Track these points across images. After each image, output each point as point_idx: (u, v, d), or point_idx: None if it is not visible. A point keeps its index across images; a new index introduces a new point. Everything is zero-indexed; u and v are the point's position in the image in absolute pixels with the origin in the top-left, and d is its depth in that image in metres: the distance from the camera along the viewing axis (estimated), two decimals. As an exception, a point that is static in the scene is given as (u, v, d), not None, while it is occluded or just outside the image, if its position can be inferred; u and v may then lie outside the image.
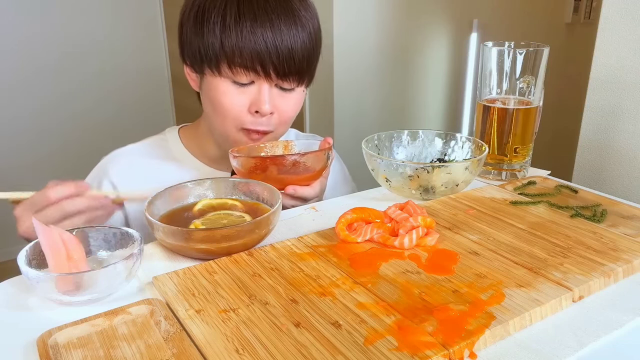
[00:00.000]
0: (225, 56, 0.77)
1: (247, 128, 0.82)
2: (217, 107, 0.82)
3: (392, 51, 2.12)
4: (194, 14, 0.80)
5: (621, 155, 0.97)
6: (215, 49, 0.77)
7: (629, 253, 0.61)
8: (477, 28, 2.23)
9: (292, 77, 0.81)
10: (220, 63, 0.78)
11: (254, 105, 0.80)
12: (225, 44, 0.77)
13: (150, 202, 0.66)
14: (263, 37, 0.76)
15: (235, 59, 0.77)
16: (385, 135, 0.88)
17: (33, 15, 2.38)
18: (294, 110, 0.85)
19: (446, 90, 2.33)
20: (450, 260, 0.60)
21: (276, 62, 0.78)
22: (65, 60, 2.49)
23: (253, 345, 0.46)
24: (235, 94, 0.80)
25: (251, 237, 0.62)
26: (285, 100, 0.83)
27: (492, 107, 0.85)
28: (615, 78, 0.96)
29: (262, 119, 0.81)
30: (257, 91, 0.80)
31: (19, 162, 2.48)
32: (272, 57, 0.77)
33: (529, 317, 0.50)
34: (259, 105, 0.80)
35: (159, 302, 0.53)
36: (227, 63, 0.78)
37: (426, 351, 0.45)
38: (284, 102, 0.82)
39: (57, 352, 0.47)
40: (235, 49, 0.76)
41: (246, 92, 0.80)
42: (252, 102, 0.80)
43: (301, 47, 0.79)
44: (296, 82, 0.82)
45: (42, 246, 0.55)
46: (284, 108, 0.83)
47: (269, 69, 0.78)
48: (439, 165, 0.76)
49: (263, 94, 0.80)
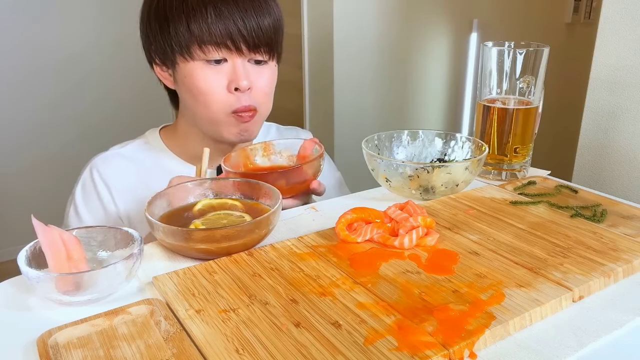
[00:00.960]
0: (195, 37, 0.78)
1: (234, 110, 0.83)
2: (196, 94, 0.82)
3: (392, 51, 2.12)
4: (154, 9, 0.82)
5: (621, 155, 0.97)
6: (184, 35, 0.79)
7: (629, 253, 0.61)
8: (477, 28, 2.23)
9: (264, 49, 0.82)
10: (191, 46, 0.79)
11: (232, 83, 0.81)
12: (192, 26, 0.78)
13: (150, 202, 0.66)
14: (228, 11, 0.78)
15: (204, 37, 0.78)
16: (385, 135, 0.88)
17: (32, 14, 2.38)
18: (271, 84, 0.87)
19: (446, 90, 2.33)
20: (450, 260, 0.60)
21: (245, 35, 0.79)
22: (64, 60, 2.49)
23: (253, 345, 0.46)
24: (210, 74, 0.81)
25: (251, 237, 0.62)
26: (260, 75, 0.84)
27: (492, 107, 0.85)
28: (615, 78, 0.96)
29: (244, 95, 0.82)
30: (231, 69, 0.81)
31: (19, 162, 2.48)
32: (241, 30, 0.79)
33: (529, 317, 0.50)
34: (237, 81, 0.81)
35: (159, 302, 0.53)
36: (197, 44, 0.79)
37: (426, 351, 0.45)
38: (259, 77, 0.84)
39: (57, 352, 0.47)
40: (204, 27, 0.77)
41: (221, 71, 0.81)
42: (230, 80, 0.81)
43: (268, 18, 0.81)
44: (267, 54, 0.83)
45: (42, 246, 0.55)
46: (260, 83, 0.84)
47: (239, 42, 0.79)
48: (439, 165, 0.76)
49: (238, 69, 0.81)
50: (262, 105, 0.86)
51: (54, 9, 2.42)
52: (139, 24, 0.86)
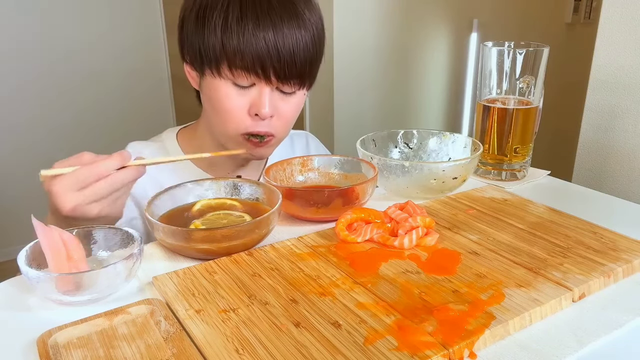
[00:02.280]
0: (226, 58, 0.76)
1: (247, 133, 0.81)
2: (217, 109, 0.81)
3: (392, 51, 2.12)
4: (195, 12, 0.78)
5: (621, 155, 0.97)
6: (216, 50, 0.76)
7: (628, 253, 0.61)
8: (477, 28, 2.23)
9: (294, 81, 0.79)
10: (221, 64, 0.77)
11: (254, 107, 0.79)
12: (226, 45, 0.75)
13: (150, 202, 0.66)
14: (265, 40, 0.75)
15: (236, 61, 0.76)
16: (381, 135, 0.88)
17: (33, 14, 2.38)
18: (295, 113, 0.84)
19: (446, 90, 2.33)
20: (451, 260, 0.60)
21: (277, 66, 0.76)
22: (65, 60, 2.49)
23: (253, 345, 0.46)
24: (235, 96, 0.79)
25: (251, 237, 0.62)
26: (285, 103, 0.81)
27: (492, 107, 0.85)
28: (615, 78, 0.96)
29: (263, 122, 0.80)
30: (257, 94, 0.79)
31: (19, 162, 2.48)
32: (274, 60, 0.76)
33: (528, 317, 0.50)
34: (259, 109, 0.78)
35: (159, 302, 0.53)
36: (228, 65, 0.77)
37: (426, 351, 0.45)
38: (284, 105, 0.81)
39: (57, 352, 0.47)
40: (237, 51, 0.75)
41: (246, 94, 0.79)
42: (252, 104, 0.79)
43: (303, 51, 0.78)
44: (297, 86, 0.81)
45: (42, 246, 0.55)
46: (284, 111, 0.81)
47: (269, 72, 0.77)
48: (435, 163, 0.76)
49: (263, 97, 0.78)
50: (280, 132, 0.83)
51: (55, 8, 2.42)
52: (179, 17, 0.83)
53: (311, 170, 0.82)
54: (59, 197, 0.61)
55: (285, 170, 0.80)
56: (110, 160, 0.63)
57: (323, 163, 0.83)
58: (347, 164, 0.82)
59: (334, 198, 0.70)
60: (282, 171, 0.79)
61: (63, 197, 0.61)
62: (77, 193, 0.61)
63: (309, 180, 0.82)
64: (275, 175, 0.78)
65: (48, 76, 2.47)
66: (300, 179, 0.81)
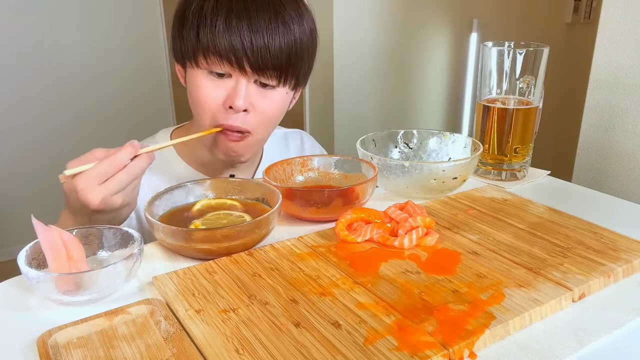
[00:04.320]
0: (201, 46, 0.77)
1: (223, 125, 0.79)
2: (194, 100, 0.81)
3: (392, 51, 2.12)
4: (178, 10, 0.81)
5: (621, 155, 0.97)
6: (192, 40, 0.78)
7: (628, 253, 0.61)
8: (477, 28, 2.23)
9: (270, 73, 0.78)
10: (197, 54, 0.78)
11: (229, 99, 0.78)
12: (200, 33, 0.77)
13: (150, 202, 0.66)
14: (238, 28, 0.76)
15: (209, 48, 0.77)
16: (381, 135, 0.88)
17: (32, 15, 2.38)
18: (275, 110, 0.82)
19: (446, 90, 2.33)
20: (451, 260, 0.60)
21: (250, 54, 0.76)
22: (65, 61, 2.49)
23: (253, 345, 0.46)
24: (211, 86, 0.79)
25: (251, 237, 0.62)
26: (264, 99, 0.80)
27: (492, 107, 0.85)
28: (615, 78, 0.96)
29: (237, 116, 0.79)
30: (233, 85, 0.78)
31: (19, 162, 2.48)
32: (246, 49, 0.76)
33: (528, 317, 0.50)
34: (233, 100, 0.77)
35: (159, 302, 0.53)
36: (203, 53, 0.78)
37: (426, 351, 0.45)
38: (263, 100, 0.80)
39: (57, 352, 0.47)
40: (210, 39, 0.76)
41: (222, 85, 0.79)
42: (228, 96, 0.78)
43: (280, 43, 0.77)
44: (275, 80, 0.79)
45: (42, 246, 0.55)
46: (262, 107, 0.80)
47: (242, 61, 0.76)
48: (435, 163, 0.76)
49: (238, 89, 0.78)
50: (257, 130, 0.81)
51: (54, 9, 2.42)
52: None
53: (311, 170, 0.82)
54: (86, 193, 0.63)
55: (285, 170, 0.80)
56: (125, 151, 0.65)
57: (323, 163, 0.83)
58: (347, 164, 0.82)
59: (334, 198, 0.70)
60: (282, 171, 0.79)
61: (90, 192, 0.63)
62: (102, 186, 0.64)
63: (309, 180, 0.82)
64: (275, 175, 0.78)
65: (48, 77, 2.48)
66: (300, 179, 0.81)
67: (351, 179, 0.80)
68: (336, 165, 0.82)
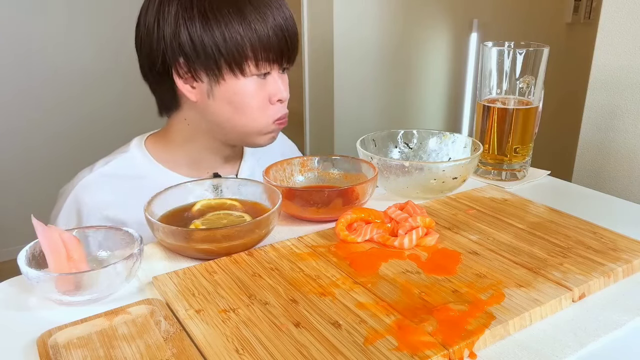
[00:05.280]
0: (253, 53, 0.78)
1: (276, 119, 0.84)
2: (241, 107, 0.81)
3: (392, 51, 2.12)
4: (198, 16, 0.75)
5: (621, 155, 0.97)
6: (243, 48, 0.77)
7: (628, 253, 0.61)
8: (477, 28, 2.23)
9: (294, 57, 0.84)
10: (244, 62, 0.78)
11: (274, 95, 0.82)
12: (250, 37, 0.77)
13: (150, 202, 0.66)
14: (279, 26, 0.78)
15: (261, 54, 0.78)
16: (381, 135, 0.88)
17: (32, 15, 2.38)
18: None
19: (446, 90, 2.33)
20: (451, 260, 0.60)
21: (291, 47, 0.81)
22: (64, 61, 2.49)
23: (253, 345, 0.46)
24: (258, 89, 0.81)
25: (251, 237, 0.62)
26: (286, 81, 0.85)
27: (492, 107, 0.85)
28: (615, 78, 0.96)
29: (283, 104, 0.84)
30: (272, 81, 0.82)
31: (19, 162, 2.48)
32: (289, 44, 0.80)
33: (528, 317, 0.50)
34: (280, 94, 0.82)
35: (159, 302, 0.53)
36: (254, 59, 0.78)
37: (426, 351, 0.45)
38: (286, 84, 0.85)
39: (57, 352, 0.47)
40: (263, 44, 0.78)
41: (264, 83, 0.81)
42: (271, 93, 0.82)
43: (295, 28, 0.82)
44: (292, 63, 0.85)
45: (42, 246, 0.55)
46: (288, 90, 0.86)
47: (285, 56, 0.81)
48: (435, 163, 0.76)
49: (279, 82, 0.82)
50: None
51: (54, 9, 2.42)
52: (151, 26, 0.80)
53: (311, 170, 0.82)
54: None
55: (285, 170, 0.80)
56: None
57: (323, 163, 0.83)
58: (347, 164, 0.82)
59: (334, 198, 0.70)
60: (282, 171, 0.79)
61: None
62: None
63: (309, 180, 0.82)
64: (275, 175, 0.78)
65: (48, 78, 2.47)
66: (300, 179, 0.81)
67: (351, 179, 0.80)
68: (336, 165, 0.82)
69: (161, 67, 0.80)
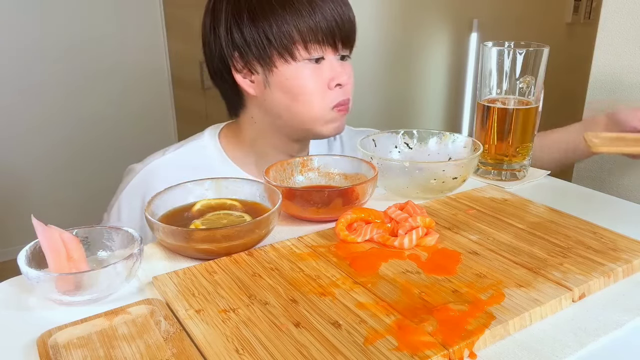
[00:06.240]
0: (301, 36, 0.79)
1: (336, 104, 0.85)
2: (298, 94, 0.82)
3: (392, 51, 2.12)
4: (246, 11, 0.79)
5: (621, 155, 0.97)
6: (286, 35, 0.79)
7: (628, 253, 0.61)
8: (477, 28, 2.23)
9: (350, 44, 0.85)
10: (292, 47, 0.79)
11: (334, 80, 0.83)
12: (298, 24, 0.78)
13: (150, 202, 0.66)
14: (329, 8, 0.79)
15: (310, 36, 0.79)
16: (381, 135, 0.88)
17: (33, 15, 2.38)
18: (352, 78, 0.89)
19: (446, 90, 2.33)
20: (451, 260, 0.60)
21: (343, 32, 0.82)
22: (65, 61, 2.49)
23: (253, 345, 0.46)
24: (313, 74, 0.82)
25: (251, 237, 0.62)
26: (347, 68, 0.86)
27: (492, 107, 0.85)
28: (615, 78, 0.96)
29: (343, 90, 0.85)
30: (328, 67, 0.83)
31: (19, 162, 2.48)
32: (340, 27, 0.81)
33: (528, 317, 0.50)
34: (339, 78, 0.83)
35: (159, 302, 0.53)
36: (303, 44, 0.79)
37: (426, 351, 0.45)
38: (347, 70, 0.86)
39: (57, 352, 0.47)
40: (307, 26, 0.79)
41: (319, 71, 0.82)
42: (330, 78, 0.83)
43: (351, 13, 0.83)
44: (350, 50, 0.86)
45: (42, 246, 0.55)
46: (349, 74, 0.86)
47: (337, 39, 0.82)
48: (435, 163, 0.76)
49: (337, 66, 0.83)
50: (350, 98, 0.88)
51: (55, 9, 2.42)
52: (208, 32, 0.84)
53: (311, 170, 0.82)
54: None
55: (285, 170, 0.80)
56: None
57: (323, 163, 0.83)
58: (347, 164, 0.82)
59: (334, 198, 0.70)
60: (282, 171, 0.79)
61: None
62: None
63: (309, 180, 0.82)
64: (275, 175, 0.78)
65: (48, 78, 2.48)
66: (300, 179, 0.81)
67: (351, 179, 0.80)
68: (336, 165, 0.82)
69: (221, 66, 0.85)
